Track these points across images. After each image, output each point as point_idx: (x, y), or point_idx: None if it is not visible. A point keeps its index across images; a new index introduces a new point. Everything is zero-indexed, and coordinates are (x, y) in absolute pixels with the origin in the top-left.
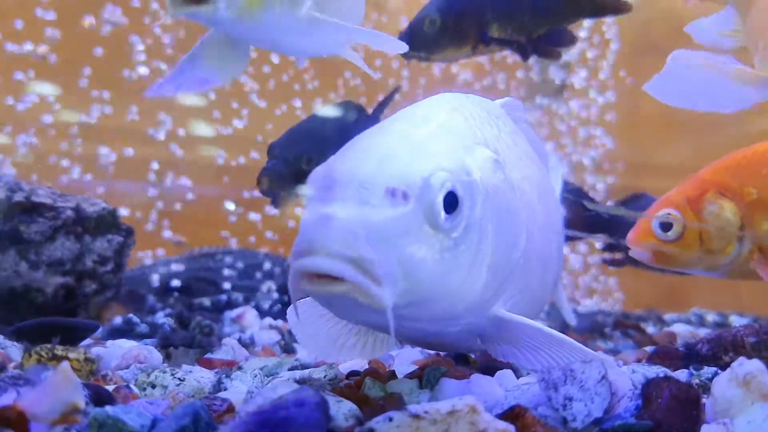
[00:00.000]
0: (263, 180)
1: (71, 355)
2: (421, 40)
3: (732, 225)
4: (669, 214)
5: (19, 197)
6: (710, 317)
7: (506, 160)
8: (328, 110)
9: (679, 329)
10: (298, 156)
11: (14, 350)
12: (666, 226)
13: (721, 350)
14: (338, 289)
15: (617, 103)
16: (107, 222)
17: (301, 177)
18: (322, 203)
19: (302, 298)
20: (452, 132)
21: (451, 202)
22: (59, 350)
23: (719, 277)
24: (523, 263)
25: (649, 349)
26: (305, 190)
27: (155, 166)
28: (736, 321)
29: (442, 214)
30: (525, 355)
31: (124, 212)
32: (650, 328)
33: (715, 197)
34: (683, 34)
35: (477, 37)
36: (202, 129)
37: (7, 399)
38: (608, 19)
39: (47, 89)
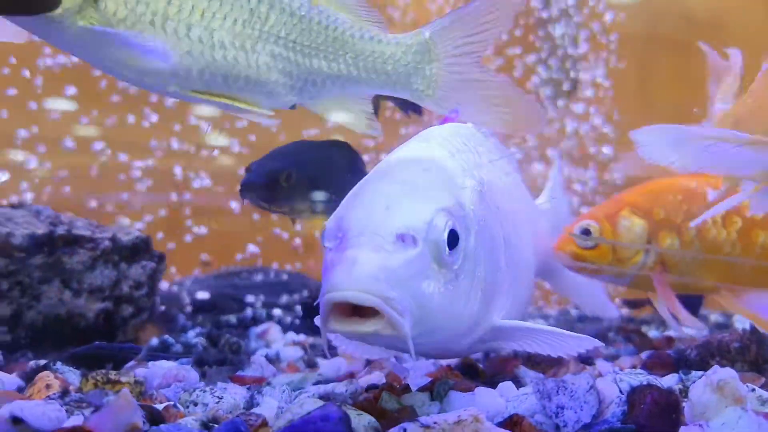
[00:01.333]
0: (241, 191)
1: (123, 379)
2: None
3: (640, 238)
4: (589, 225)
5: (61, 230)
6: (714, 318)
7: (487, 184)
8: (316, 142)
9: (676, 333)
10: (274, 171)
11: (71, 375)
12: (585, 234)
13: (708, 355)
14: (367, 329)
15: (625, 98)
16: (141, 249)
17: (277, 190)
18: (341, 251)
19: (332, 332)
20: (444, 169)
21: (452, 239)
22: (112, 375)
23: (626, 285)
24: (510, 272)
25: (644, 355)
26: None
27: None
28: (739, 322)
29: (447, 250)
30: (524, 346)
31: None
32: (653, 332)
33: (628, 214)
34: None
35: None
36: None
37: (75, 420)
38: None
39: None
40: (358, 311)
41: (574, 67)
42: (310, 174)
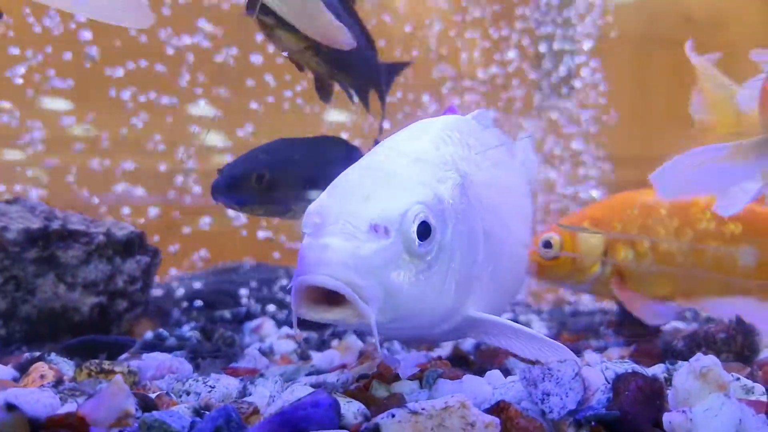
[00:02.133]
0: (212, 194)
1: (116, 369)
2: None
3: (597, 249)
4: (551, 237)
5: (55, 225)
6: (705, 312)
7: (472, 177)
8: (302, 139)
9: (667, 327)
10: (245, 172)
11: (65, 365)
12: (547, 247)
13: (694, 346)
14: (334, 316)
15: (623, 98)
16: (135, 244)
17: (249, 192)
18: (317, 237)
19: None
20: (426, 162)
21: (425, 231)
22: (106, 365)
23: (586, 292)
24: (491, 265)
25: (632, 346)
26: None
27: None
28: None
29: (417, 242)
30: (501, 341)
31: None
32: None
33: (587, 227)
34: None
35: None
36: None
37: (69, 407)
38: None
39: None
40: (328, 298)
41: (572, 66)
42: (289, 173)
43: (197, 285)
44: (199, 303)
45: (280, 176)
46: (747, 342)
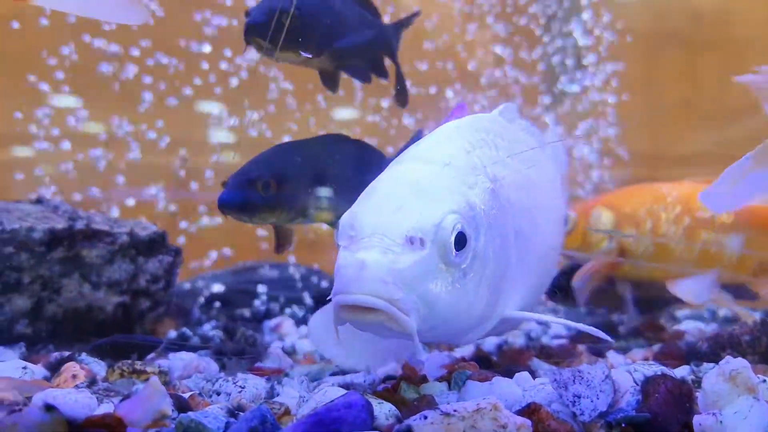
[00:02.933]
0: (219, 209)
1: (148, 369)
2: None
3: (606, 226)
4: (569, 214)
5: (80, 225)
6: (722, 312)
7: (502, 179)
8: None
9: (689, 326)
10: (249, 182)
11: (96, 365)
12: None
13: (719, 348)
14: (375, 318)
15: (635, 95)
16: (158, 244)
17: (256, 202)
18: (353, 252)
19: (343, 324)
20: (456, 168)
21: (460, 240)
22: (138, 365)
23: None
24: (524, 264)
25: (656, 347)
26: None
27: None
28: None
29: (454, 252)
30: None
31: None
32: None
33: (600, 207)
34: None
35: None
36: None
37: (106, 408)
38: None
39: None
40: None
41: (580, 63)
42: (295, 176)
43: (217, 284)
44: (220, 300)
45: (286, 180)
46: None
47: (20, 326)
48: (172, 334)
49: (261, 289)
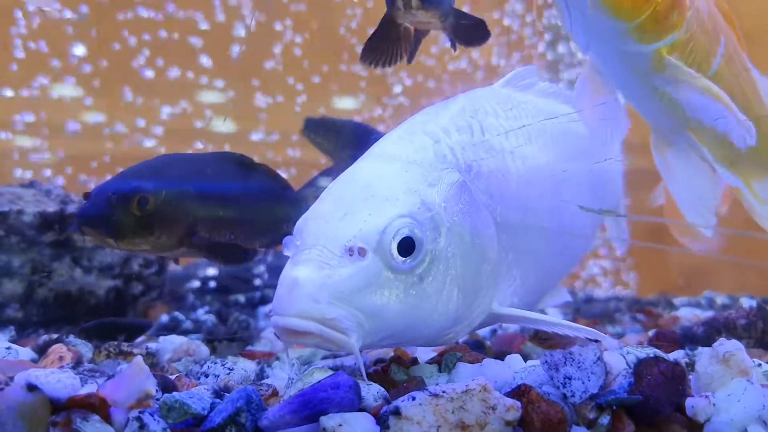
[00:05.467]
0: (78, 226)
1: (135, 351)
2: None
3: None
4: None
5: (71, 209)
6: (720, 300)
7: (483, 166)
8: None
9: (685, 313)
10: (122, 196)
11: (83, 347)
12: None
13: (714, 332)
14: (311, 341)
15: None
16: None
17: (128, 222)
18: (293, 264)
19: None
20: (417, 164)
21: (408, 246)
22: (124, 347)
23: None
24: (515, 257)
25: (651, 332)
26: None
27: None
28: (746, 303)
29: (399, 259)
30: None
31: None
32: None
33: None
34: None
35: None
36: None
37: (90, 388)
38: None
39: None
40: None
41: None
42: (183, 198)
43: (211, 270)
44: (213, 286)
45: (168, 203)
46: None
47: (10, 310)
48: (165, 318)
49: (256, 274)
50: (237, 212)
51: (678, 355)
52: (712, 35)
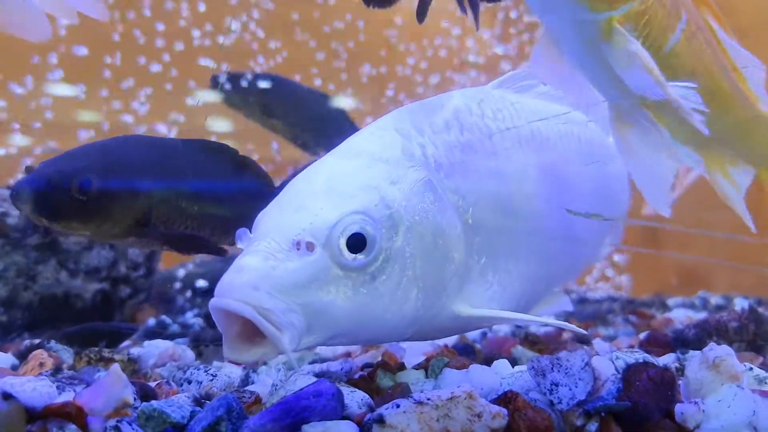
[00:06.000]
0: (12, 201)
1: (116, 357)
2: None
3: None
4: None
5: None
6: (714, 300)
7: (454, 166)
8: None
9: (678, 314)
10: (63, 175)
11: (64, 353)
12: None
13: (705, 335)
14: (250, 358)
15: None
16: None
17: (66, 203)
18: (243, 254)
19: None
20: (382, 161)
21: (359, 243)
22: (105, 353)
23: None
24: (491, 258)
25: (642, 335)
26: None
27: None
28: (739, 304)
29: (348, 255)
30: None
31: None
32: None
33: None
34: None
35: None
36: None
37: (67, 396)
38: None
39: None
40: (255, 332)
41: None
42: (131, 184)
43: (201, 272)
44: (202, 289)
45: (117, 185)
46: (759, 331)
47: None
48: (152, 322)
49: None
50: (201, 204)
51: (669, 359)
52: (671, 10)
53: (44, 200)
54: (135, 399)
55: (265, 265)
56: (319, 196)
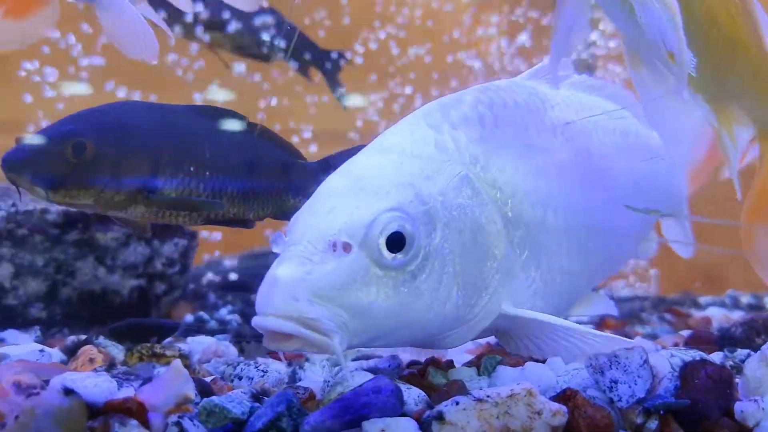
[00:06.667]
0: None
1: (168, 353)
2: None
3: None
4: None
5: None
6: (744, 299)
7: (491, 160)
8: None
9: (714, 313)
10: (56, 140)
11: (113, 349)
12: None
13: (753, 333)
14: (291, 346)
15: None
16: (173, 227)
17: (62, 170)
18: (279, 261)
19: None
20: (416, 157)
21: (398, 241)
22: (157, 348)
23: None
24: (532, 255)
25: (685, 333)
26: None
27: None
28: None
29: (388, 255)
30: (544, 346)
31: None
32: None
33: None
34: None
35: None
36: None
37: (126, 392)
38: None
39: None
40: None
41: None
42: (127, 148)
43: (232, 270)
44: (234, 286)
45: (117, 145)
46: None
47: (35, 310)
48: (189, 318)
49: None
50: (213, 169)
51: (717, 357)
52: None
53: (37, 167)
54: (195, 395)
55: (301, 270)
56: (352, 194)
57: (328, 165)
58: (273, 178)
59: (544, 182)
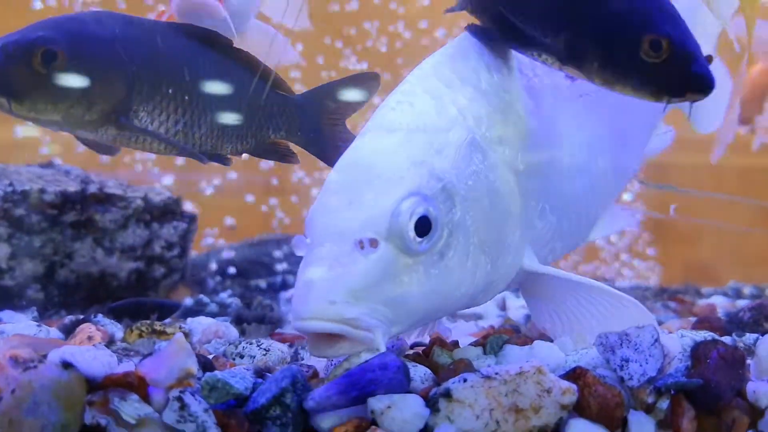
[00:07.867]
0: None
1: (168, 330)
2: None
3: None
4: None
5: (93, 189)
6: (747, 290)
7: (496, 115)
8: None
9: (718, 301)
10: (24, 45)
11: (112, 327)
12: None
13: (762, 318)
14: (339, 351)
15: None
16: (172, 210)
17: (27, 79)
18: (305, 265)
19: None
20: (422, 131)
21: (424, 226)
22: (157, 325)
23: None
24: (546, 204)
25: (691, 319)
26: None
27: None
28: None
29: (416, 241)
30: (566, 312)
31: None
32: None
33: None
34: None
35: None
36: None
37: (126, 367)
38: None
39: None
40: None
41: None
42: (106, 58)
43: (232, 255)
44: (234, 271)
45: (87, 61)
46: None
47: (31, 291)
48: (189, 301)
49: (277, 260)
50: (191, 93)
51: (726, 340)
52: None
53: (2, 74)
54: (197, 370)
55: (333, 274)
56: (367, 185)
57: (313, 99)
58: (254, 109)
59: (548, 123)
